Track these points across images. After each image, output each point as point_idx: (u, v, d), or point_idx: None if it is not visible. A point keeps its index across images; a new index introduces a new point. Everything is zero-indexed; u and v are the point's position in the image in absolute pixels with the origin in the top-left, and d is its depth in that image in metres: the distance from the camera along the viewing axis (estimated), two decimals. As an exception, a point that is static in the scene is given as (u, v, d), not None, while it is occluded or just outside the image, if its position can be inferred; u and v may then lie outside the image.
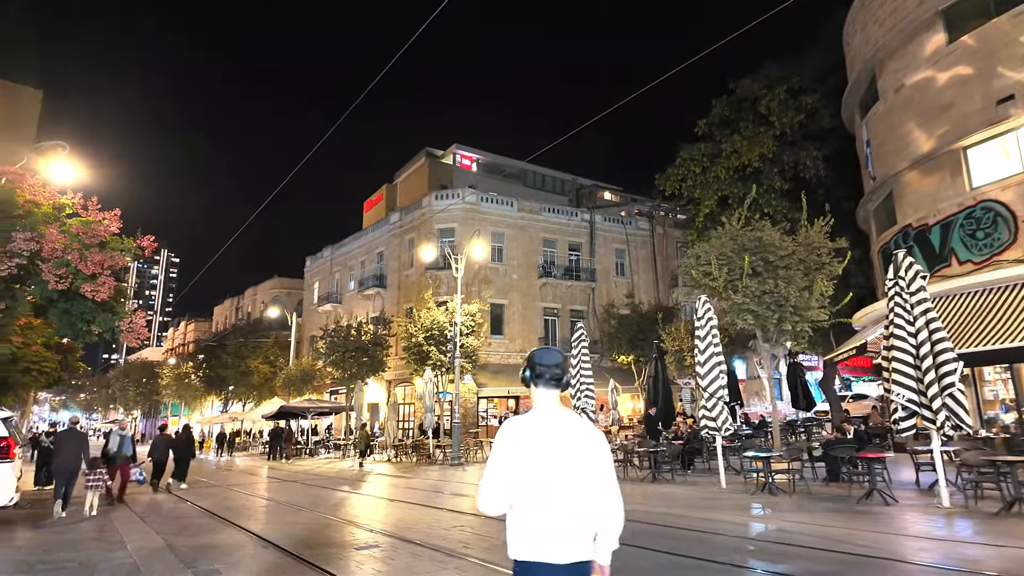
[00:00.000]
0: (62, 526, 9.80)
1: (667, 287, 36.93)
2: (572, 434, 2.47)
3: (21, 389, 25.06)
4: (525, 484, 2.38)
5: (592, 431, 2.51)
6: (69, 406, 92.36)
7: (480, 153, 53.46)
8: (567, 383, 2.64)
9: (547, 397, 2.58)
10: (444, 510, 11.00)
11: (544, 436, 2.44)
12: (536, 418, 2.52)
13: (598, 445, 2.49)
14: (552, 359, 2.61)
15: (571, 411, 2.61)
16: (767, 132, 24.63)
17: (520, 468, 2.39)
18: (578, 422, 2.54)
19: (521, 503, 2.38)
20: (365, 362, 28.76)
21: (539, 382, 2.59)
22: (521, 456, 2.41)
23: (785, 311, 13.45)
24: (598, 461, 2.46)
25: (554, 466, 2.38)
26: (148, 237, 12.43)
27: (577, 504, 2.38)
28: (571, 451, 2.43)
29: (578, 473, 2.40)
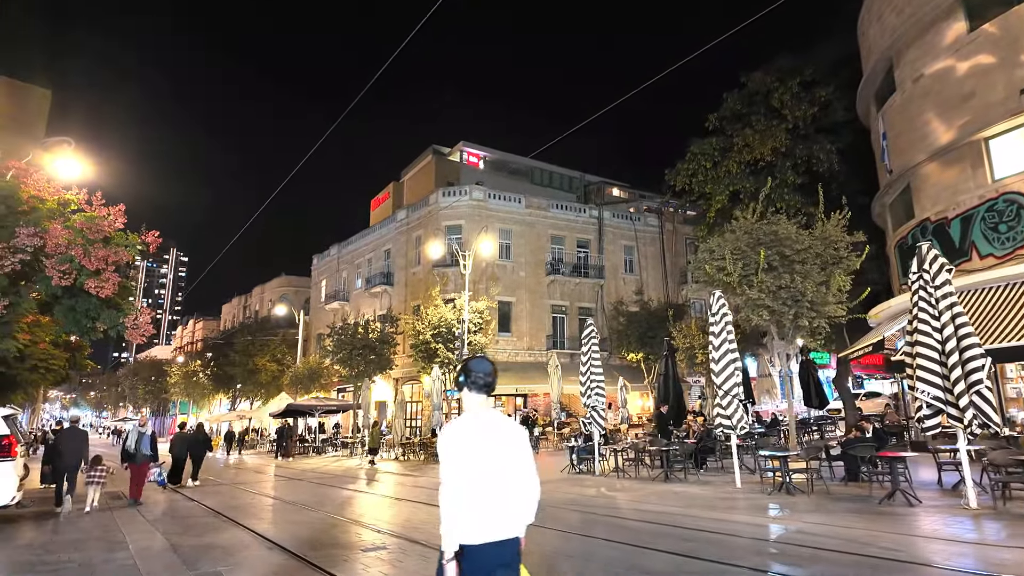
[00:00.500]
0: (66, 525, 9.65)
1: (676, 284, 36.55)
2: (500, 432, 2.86)
3: (30, 387, 25.11)
4: (469, 480, 2.72)
5: (515, 427, 2.92)
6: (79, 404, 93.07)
7: (487, 150, 53.19)
8: (493, 388, 3.01)
9: (477, 400, 2.96)
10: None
11: (479, 437, 2.81)
12: (470, 421, 2.88)
13: (521, 439, 2.89)
14: (483, 368, 2.98)
15: (496, 410, 2.98)
16: (779, 126, 24.21)
17: (466, 467, 2.74)
18: (503, 420, 2.92)
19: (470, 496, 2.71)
20: (372, 360, 28.60)
21: (471, 387, 2.95)
22: (465, 457, 2.76)
23: (802, 307, 13.12)
24: (521, 452, 2.86)
25: (489, 462, 2.76)
26: (153, 233, 12.24)
27: (508, 492, 2.77)
28: (500, 447, 2.82)
29: (507, 465, 2.80)
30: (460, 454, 2.77)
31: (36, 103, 35.53)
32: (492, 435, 2.84)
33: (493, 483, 2.74)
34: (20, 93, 33.95)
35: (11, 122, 30.23)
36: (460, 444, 2.80)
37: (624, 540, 7.65)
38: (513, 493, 2.79)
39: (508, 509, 2.76)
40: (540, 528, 8.71)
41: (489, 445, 2.81)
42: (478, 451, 2.78)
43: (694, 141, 26.34)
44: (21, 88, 34.98)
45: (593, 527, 8.69)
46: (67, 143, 15.00)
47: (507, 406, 32.59)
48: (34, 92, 36.15)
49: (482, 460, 2.77)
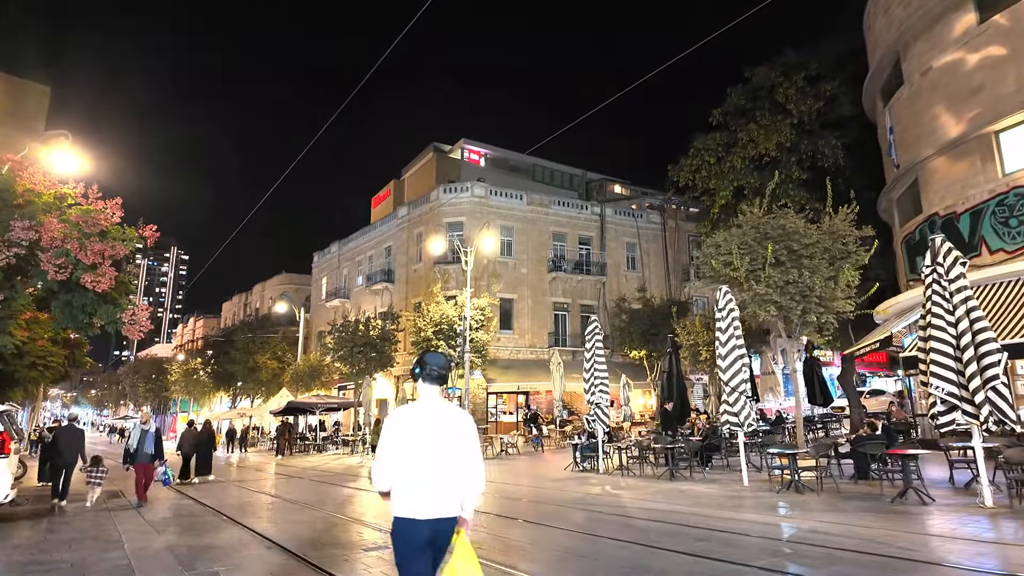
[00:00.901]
0: (61, 523, 9.46)
1: (679, 281, 36.33)
2: (447, 420, 3.10)
3: (29, 384, 24.93)
4: (408, 460, 2.99)
5: (463, 416, 3.17)
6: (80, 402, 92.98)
7: (488, 148, 52.94)
8: (446, 380, 3.29)
9: (430, 391, 3.20)
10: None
11: (425, 422, 3.06)
12: (420, 408, 3.13)
13: (467, 428, 3.16)
14: (437, 361, 3.24)
15: (448, 401, 3.21)
16: (784, 120, 23.98)
17: (405, 448, 3.00)
18: (452, 410, 3.17)
19: (405, 477, 2.99)
20: (373, 357, 28.38)
21: (426, 378, 3.21)
22: (406, 439, 3.02)
23: (810, 302, 12.90)
24: (467, 440, 3.13)
25: (432, 446, 3.01)
26: (150, 227, 12.03)
27: (447, 475, 3.01)
28: (446, 433, 3.06)
29: (451, 450, 3.05)
30: (403, 436, 3.05)
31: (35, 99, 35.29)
32: (440, 423, 3.10)
33: (435, 466, 3.01)
34: (19, 89, 33.71)
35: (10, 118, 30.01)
36: (405, 428, 3.07)
37: (632, 539, 7.45)
38: (456, 477, 3.06)
39: (449, 491, 3.03)
40: (547, 527, 8.52)
41: (436, 431, 3.07)
42: (424, 436, 3.04)
43: (697, 136, 26.13)
44: (20, 84, 34.72)
45: (600, 526, 8.50)
46: (64, 136, 14.79)
47: (508, 404, 32.44)
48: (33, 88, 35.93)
49: (427, 445, 3.02)
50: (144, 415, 12.55)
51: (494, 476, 15.73)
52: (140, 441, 11.73)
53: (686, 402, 20.18)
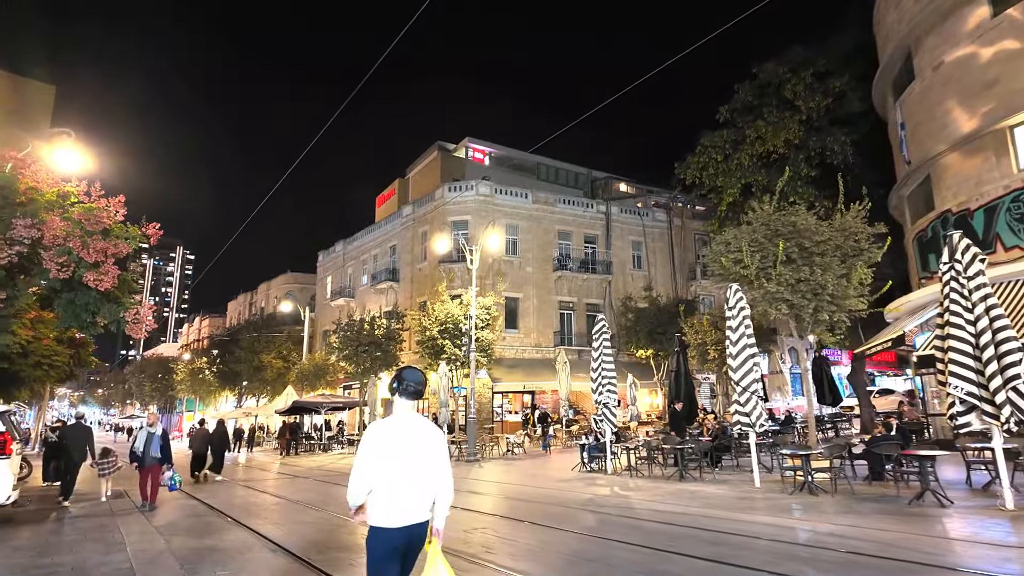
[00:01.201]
0: (63, 525, 9.35)
1: (685, 280, 36.07)
2: (420, 434, 3.33)
3: (35, 383, 24.92)
4: (383, 472, 3.18)
5: (435, 431, 3.39)
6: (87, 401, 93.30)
7: (493, 147, 52.73)
8: (421, 395, 3.46)
9: (405, 405, 3.41)
10: (462, 509, 10.40)
11: (400, 436, 3.27)
12: (396, 422, 3.34)
13: (438, 442, 3.38)
14: (415, 377, 3.43)
15: (421, 416, 3.43)
16: (792, 117, 23.73)
17: (381, 461, 3.20)
18: (425, 424, 3.39)
19: (381, 487, 3.19)
20: (378, 357, 28.27)
21: (402, 394, 3.41)
22: (382, 452, 3.21)
23: (822, 300, 12.68)
24: (438, 453, 3.34)
25: (405, 459, 3.22)
26: (153, 225, 11.90)
27: (419, 485, 3.24)
28: (418, 447, 3.28)
29: (423, 462, 3.26)
30: (380, 450, 3.25)
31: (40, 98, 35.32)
32: (414, 436, 3.32)
33: (409, 477, 3.23)
34: (23, 88, 33.73)
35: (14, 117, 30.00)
36: (382, 441, 3.27)
37: (644, 543, 7.27)
38: (428, 486, 3.30)
39: (421, 499, 3.27)
40: (556, 529, 8.35)
41: (410, 444, 3.28)
42: (399, 449, 3.25)
43: (704, 134, 25.90)
44: (24, 83, 34.76)
45: (610, 529, 8.32)
46: (67, 134, 14.68)
47: (514, 403, 32.28)
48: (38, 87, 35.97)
49: (401, 457, 3.23)
50: (151, 416, 11.51)
51: (500, 477, 15.58)
52: (146, 443, 10.98)
53: (694, 401, 19.98)
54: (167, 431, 11.41)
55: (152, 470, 10.99)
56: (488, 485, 14.08)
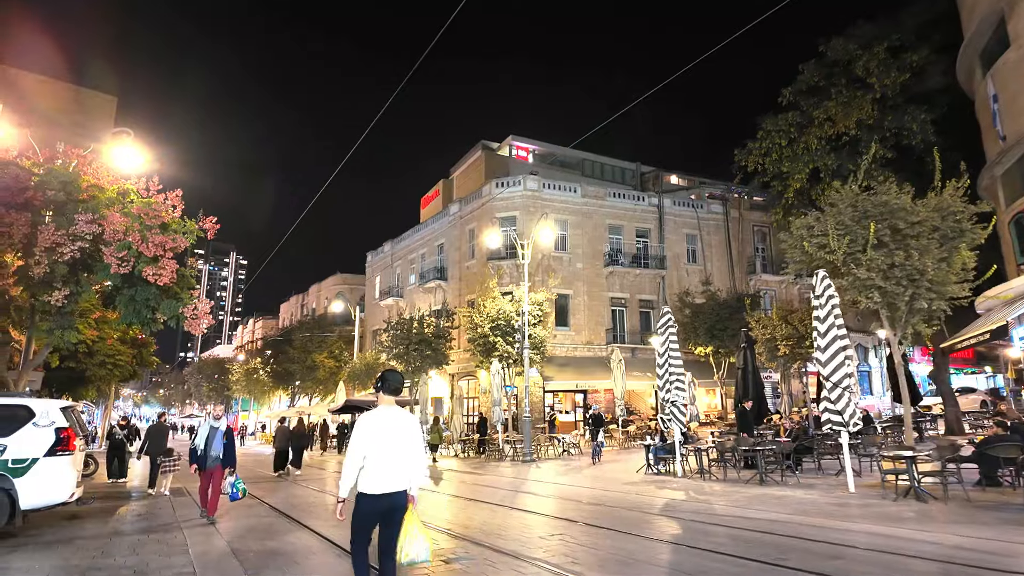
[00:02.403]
0: (124, 524, 9.16)
1: (744, 273, 34.49)
2: (399, 422, 4.37)
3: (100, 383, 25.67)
4: (371, 452, 4.21)
5: (411, 420, 4.45)
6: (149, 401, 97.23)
7: (536, 143, 51.98)
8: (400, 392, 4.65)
9: (388, 400, 4.47)
10: (532, 513, 9.77)
11: (383, 424, 4.31)
12: (380, 413, 4.38)
13: (414, 429, 4.42)
14: (396, 378, 4.56)
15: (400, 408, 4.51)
16: (864, 96, 22.12)
17: (372, 441, 4.24)
18: (403, 414, 4.47)
19: (369, 463, 4.21)
20: (428, 355, 27.97)
21: (386, 390, 4.48)
22: (373, 435, 4.26)
23: (920, 286, 11.48)
24: (412, 437, 4.39)
25: (387, 441, 4.26)
26: (210, 219, 11.77)
27: (398, 461, 4.26)
28: (397, 432, 4.32)
29: (400, 445, 4.30)
30: (369, 435, 4.23)
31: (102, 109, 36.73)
32: (394, 424, 4.30)
33: (390, 455, 4.19)
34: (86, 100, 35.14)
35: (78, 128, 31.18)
36: (371, 428, 4.25)
37: (743, 554, 6.45)
38: (404, 463, 4.25)
39: (399, 472, 4.21)
40: (639, 537, 7.60)
41: (391, 430, 4.25)
42: (383, 434, 4.22)
43: (767, 118, 24.48)
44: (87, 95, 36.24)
45: (700, 537, 7.52)
46: (126, 133, 14.80)
47: (565, 402, 31.46)
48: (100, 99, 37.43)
49: (384, 440, 4.20)
50: (216, 409, 9.65)
51: (561, 479, 14.87)
52: (208, 441, 9.17)
53: (763, 401, 18.81)
54: (232, 428, 9.54)
55: (214, 474, 9.21)
56: (550, 487, 13.40)
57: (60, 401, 8.77)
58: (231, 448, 9.25)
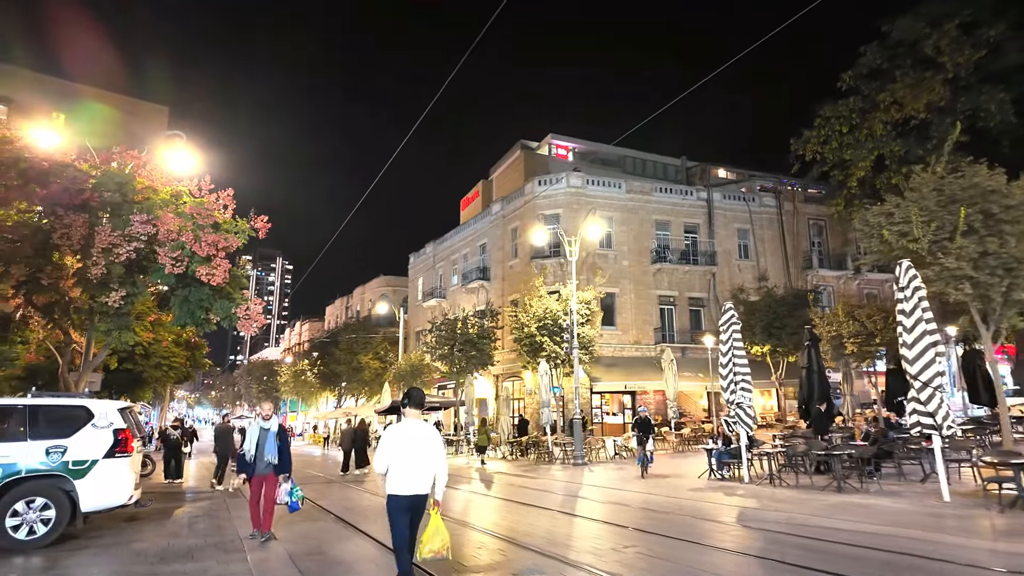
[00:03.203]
0: (182, 528, 9.03)
1: (799, 269, 33.01)
2: (423, 433, 4.96)
3: (156, 384, 26.33)
4: (397, 458, 4.82)
5: (433, 432, 5.05)
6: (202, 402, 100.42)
7: (576, 141, 51.23)
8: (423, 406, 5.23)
9: (413, 413, 5.11)
10: (597, 521, 9.22)
11: (409, 434, 4.90)
12: (407, 424, 4.98)
13: (435, 438, 5.01)
14: (419, 394, 5.17)
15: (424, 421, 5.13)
16: (934, 77, 20.78)
17: (396, 450, 4.84)
18: (427, 427, 5.06)
19: (394, 467, 4.82)
20: (474, 356, 27.66)
21: (411, 405, 5.13)
22: (397, 444, 4.86)
23: (1018, 276, 10.45)
24: (435, 446, 4.94)
25: (412, 449, 4.84)
26: (261, 218, 11.67)
27: (422, 467, 4.83)
28: (421, 441, 4.89)
29: (424, 452, 4.85)
30: (396, 444, 4.85)
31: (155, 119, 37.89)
32: (418, 435, 4.91)
33: (413, 462, 4.81)
34: (139, 110, 36.26)
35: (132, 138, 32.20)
36: (398, 438, 4.87)
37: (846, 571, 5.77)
38: (426, 469, 4.85)
39: (420, 477, 4.81)
40: (721, 550, 6.97)
41: (415, 440, 4.86)
42: (408, 443, 4.83)
43: (827, 104, 23.28)
44: (140, 106, 37.41)
45: (789, 551, 6.84)
46: (179, 136, 14.92)
47: (611, 404, 30.66)
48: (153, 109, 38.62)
49: (409, 448, 4.82)
50: (266, 408, 8.26)
51: (618, 484, 14.23)
52: (259, 444, 7.80)
53: (830, 402, 17.74)
54: (285, 429, 8.22)
55: (266, 483, 7.81)
56: (609, 492, 12.80)
57: (118, 402, 8.71)
58: (286, 451, 7.89)
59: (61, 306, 11.89)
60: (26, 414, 7.88)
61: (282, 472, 7.85)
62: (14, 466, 7.54)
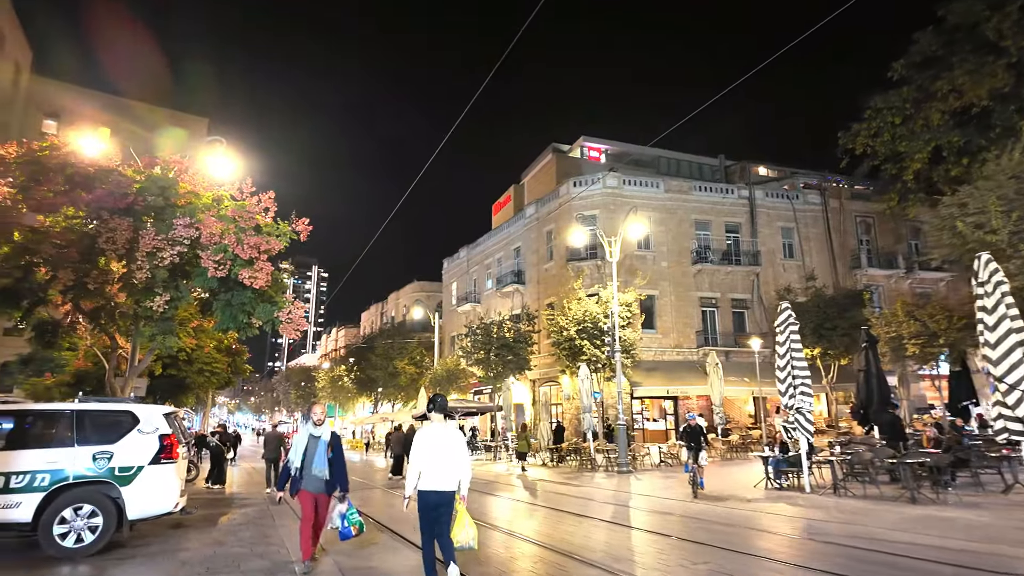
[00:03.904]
0: (228, 535, 8.84)
1: (847, 268, 31.71)
2: (449, 435, 5.43)
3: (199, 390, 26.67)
4: (428, 458, 5.27)
5: (458, 433, 5.53)
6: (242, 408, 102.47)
7: (609, 143, 50.59)
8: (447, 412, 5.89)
9: (438, 418, 5.59)
10: (658, 534, 8.69)
11: (436, 437, 5.36)
12: (433, 428, 5.46)
13: (460, 440, 5.46)
14: (444, 401, 5.70)
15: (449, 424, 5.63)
16: (997, 62, 19.60)
17: (427, 450, 5.29)
18: (451, 429, 5.53)
19: (425, 466, 5.26)
20: (510, 360, 27.27)
21: (436, 410, 5.63)
22: (427, 446, 5.32)
23: (1113, 268, 9.56)
24: (460, 447, 5.39)
25: (440, 449, 5.30)
26: (303, 220, 11.50)
27: (449, 466, 5.27)
28: (447, 442, 5.35)
29: (450, 452, 5.31)
30: (426, 445, 5.33)
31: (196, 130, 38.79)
32: (444, 437, 5.38)
33: (441, 461, 5.26)
34: (180, 121, 37.14)
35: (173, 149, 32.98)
36: (427, 440, 5.36)
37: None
38: (452, 468, 5.28)
39: (448, 475, 5.25)
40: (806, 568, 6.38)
41: (442, 442, 5.34)
42: (436, 444, 5.32)
43: (878, 94, 22.25)
44: (181, 118, 38.33)
45: (880, 570, 6.23)
46: (220, 142, 14.98)
47: (651, 409, 29.86)
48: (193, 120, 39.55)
49: (436, 448, 5.29)
50: (318, 412, 6.84)
51: (670, 493, 13.61)
52: (308, 454, 6.49)
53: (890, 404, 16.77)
54: (338, 436, 6.86)
55: (317, 502, 6.51)
56: (662, 502, 12.22)
57: (163, 407, 8.58)
58: (340, 464, 6.58)
59: (107, 311, 11.94)
60: (73, 419, 7.79)
61: (333, 489, 6.55)
62: (62, 472, 7.44)
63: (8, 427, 7.78)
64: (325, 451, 6.50)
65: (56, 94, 31.74)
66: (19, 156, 10.72)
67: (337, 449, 6.65)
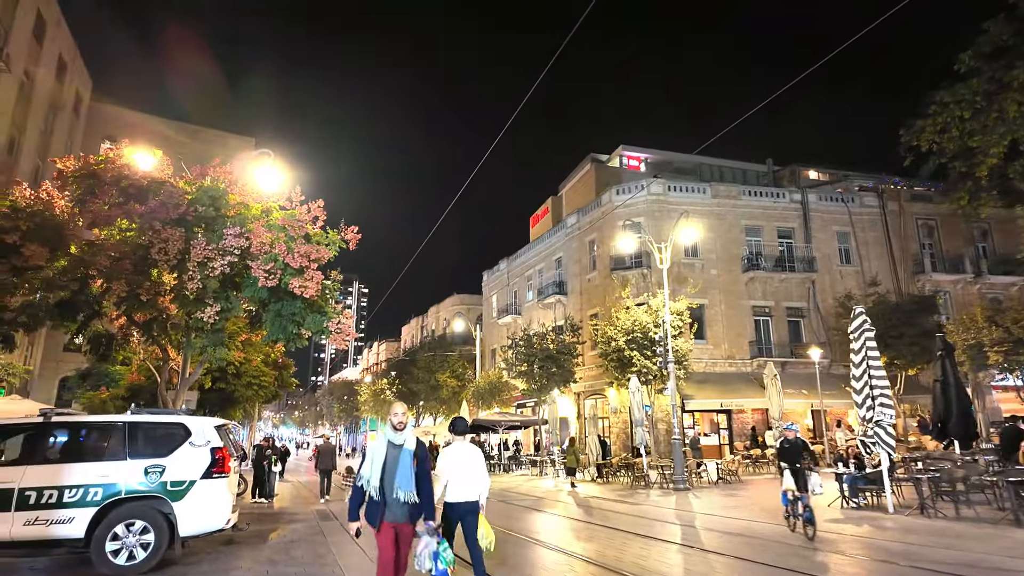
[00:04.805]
0: (280, 553, 8.50)
1: (909, 273, 30.03)
2: (470, 453, 5.84)
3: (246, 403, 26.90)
4: (453, 472, 5.67)
5: (477, 451, 5.96)
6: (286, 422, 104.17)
7: (649, 152, 49.87)
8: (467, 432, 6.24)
9: (459, 438, 6.03)
10: (739, 559, 7.96)
11: (459, 454, 5.78)
12: (456, 447, 5.89)
13: (479, 457, 5.90)
14: (463, 423, 6.13)
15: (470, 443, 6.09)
16: (1079, 47, 18.21)
17: (452, 466, 5.69)
18: (472, 447, 5.97)
19: (452, 480, 5.66)
20: (555, 373, 26.60)
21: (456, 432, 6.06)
22: (453, 462, 5.72)
23: None
24: (480, 464, 5.84)
25: (464, 465, 5.71)
26: (352, 228, 11.29)
27: (472, 480, 5.70)
28: (469, 459, 5.78)
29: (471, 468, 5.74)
30: (451, 461, 5.71)
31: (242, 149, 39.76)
32: (466, 454, 5.80)
33: (465, 475, 5.66)
34: (227, 142, 38.13)
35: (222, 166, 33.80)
36: (452, 457, 5.75)
37: None
38: (474, 481, 5.71)
39: (472, 487, 5.68)
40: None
41: (464, 458, 5.76)
42: (460, 460, 5.73)
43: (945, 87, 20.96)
44: (228, 138, 39.42)
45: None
46: (267, 154, 14.98)
47: (702, 423, 28.68)
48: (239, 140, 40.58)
49: (461, 464, 5.70)
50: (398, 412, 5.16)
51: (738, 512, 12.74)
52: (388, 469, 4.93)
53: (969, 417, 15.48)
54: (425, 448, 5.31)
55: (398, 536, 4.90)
56: (728, 522, 11.39)
57: (214, 419, 8.34)
58: (426, 483, 5.03)
59: (159, 323, 11.94)
60: (125, 432, 7.61)
61: (420, 516, 4.93)
62: (114, 486, 7.24)
63: (63, 439, 7.65)
64: (411, 465, 4.83)
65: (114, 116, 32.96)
66: (76, 170, 10.84)
67: (423, 463, 5.00)
